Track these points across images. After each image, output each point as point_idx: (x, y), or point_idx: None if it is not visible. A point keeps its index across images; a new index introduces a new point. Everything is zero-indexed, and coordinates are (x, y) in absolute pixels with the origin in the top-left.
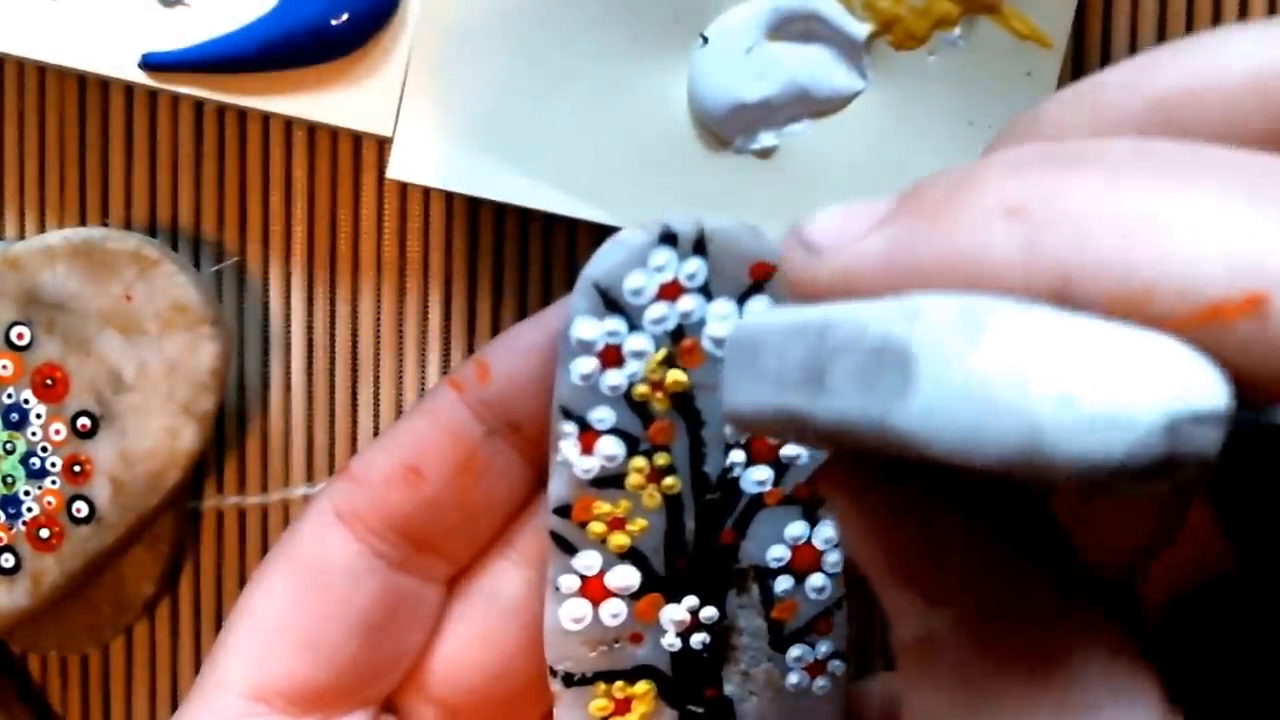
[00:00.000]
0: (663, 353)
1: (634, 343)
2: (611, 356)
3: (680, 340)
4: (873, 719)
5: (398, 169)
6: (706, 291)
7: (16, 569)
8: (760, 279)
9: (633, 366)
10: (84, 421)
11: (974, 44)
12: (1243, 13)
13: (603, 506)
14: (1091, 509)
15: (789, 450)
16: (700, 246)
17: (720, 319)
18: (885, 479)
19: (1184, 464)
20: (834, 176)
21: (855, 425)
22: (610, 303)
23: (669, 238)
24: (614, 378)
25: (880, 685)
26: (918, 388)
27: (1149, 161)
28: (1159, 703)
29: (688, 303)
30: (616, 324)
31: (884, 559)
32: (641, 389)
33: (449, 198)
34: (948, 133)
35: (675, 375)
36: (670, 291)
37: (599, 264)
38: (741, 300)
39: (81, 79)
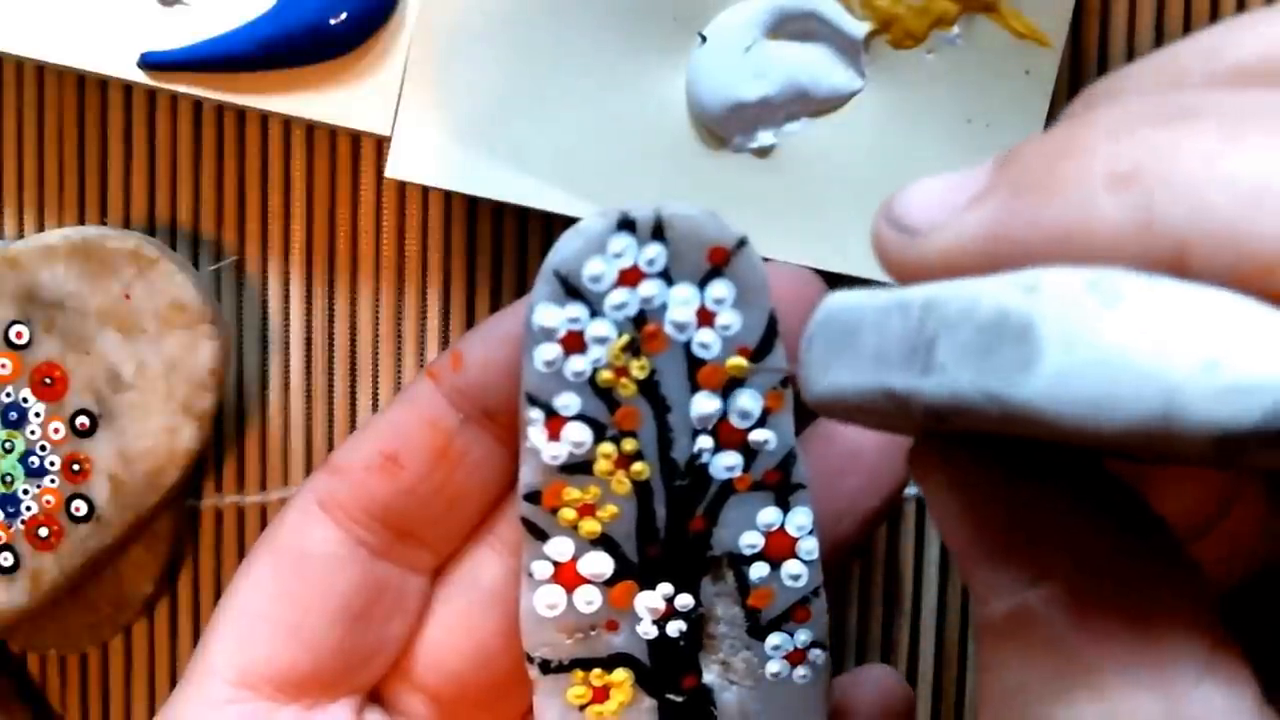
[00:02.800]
0: (625, 338)
1: (596, 329)
2: (574, 343)
3: (643, 326)
4: (864, 712)
5: (396, 168)
6: (667, 276)
7: (15, 568)
8: (719, 263)
9: (596, 352)
10: (83, 420)
11: (972, 43)
12: (1241, 8)
13: (572, 493)
14: (1155, 484)
15: (757, 436)
16: (658, 232)
17: (682, 303)
18: (980, 456)
19: None
20: (833, 175)
21: (970, 401)
22: (571, 289)
23: (627, 224)
24: (577, 364)
25: (869, 676)
26: (1044, 360)
27: (1268, 116)
28: (1254, 689)
29: (649, 288)
30: (577, 310)
31: (977, 535)
32: (606, 375)
33: (447, 197)
34: (946, 131)
35: (639, 361)
36: (630, 277)
37: (559, 252)
38: (702, 284)
39: (80, 78)
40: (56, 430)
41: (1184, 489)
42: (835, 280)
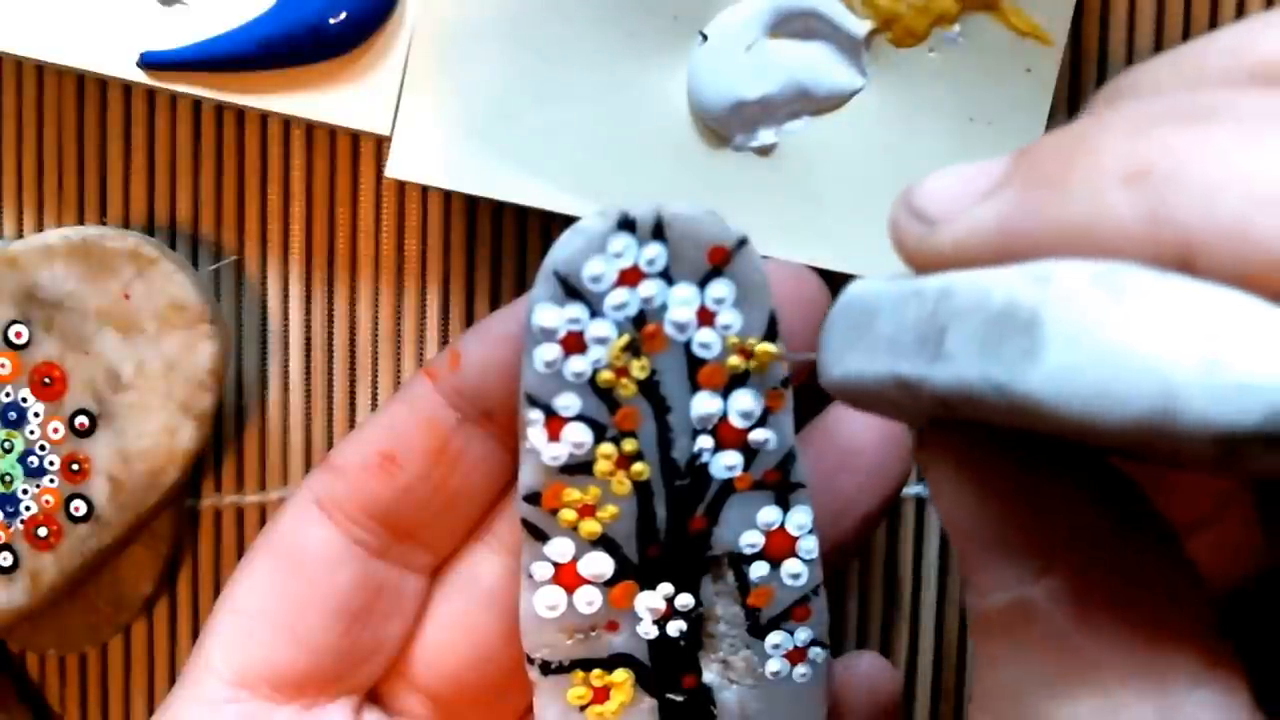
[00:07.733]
0: (625, 338)
1: (596, 329)
2: (574, 343)
3: (643, 326)
4: (855, 697)
5: (396, 168)
6: (667, 276)
7: (14, 567)
8: (719, 263)
9: (596, 353)
10: (82, 420)
11: (973, 41)
12: (1240, 7)
13: (572, 493)
14: (1157, 486)
15: (757, 435)
16: (659, 232)
17: (682, 303)
18: (987, 446)
19: None
20: (834, 174)
21: (976, 391)
22: (571, 290)
23: (627, 224)
24: (577, 364)
25: (859, 663)
26: (1048, 352)
27: None
28: (1248, 696)
29: (649, 288)
30: (577, 311)
31: (982, 524)
32: (606, 375)
33: (447, 196)
34: (948, 129)
35: (640, 361)
36: (630, 277)
37: (559, 252)
38: (702, 284)
39: (80, 78)
40: (56, 430)
41: (1183, 490)
42: (835, 280)
